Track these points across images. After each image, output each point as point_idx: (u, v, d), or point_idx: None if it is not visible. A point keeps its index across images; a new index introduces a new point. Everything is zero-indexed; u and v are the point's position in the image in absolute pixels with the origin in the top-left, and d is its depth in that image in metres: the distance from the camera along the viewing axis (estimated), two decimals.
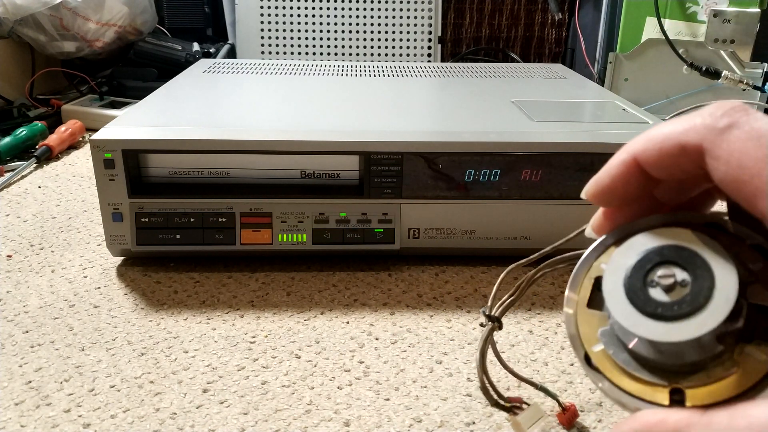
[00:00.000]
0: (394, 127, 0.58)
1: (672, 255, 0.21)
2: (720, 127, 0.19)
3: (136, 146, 0.53)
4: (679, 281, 0.20)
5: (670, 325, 0.20)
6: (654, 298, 0.20)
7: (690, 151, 0.20)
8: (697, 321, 0.19)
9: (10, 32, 1.04)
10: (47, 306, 0.52)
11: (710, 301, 0.19)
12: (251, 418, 0.40)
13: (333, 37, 1.23)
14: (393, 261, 0.60)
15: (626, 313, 0.21)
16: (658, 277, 0.21)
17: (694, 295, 0.20)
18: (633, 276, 0.21)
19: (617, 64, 1.10)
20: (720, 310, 0.19)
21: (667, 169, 0.21)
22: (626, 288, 0.21)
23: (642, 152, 0.22)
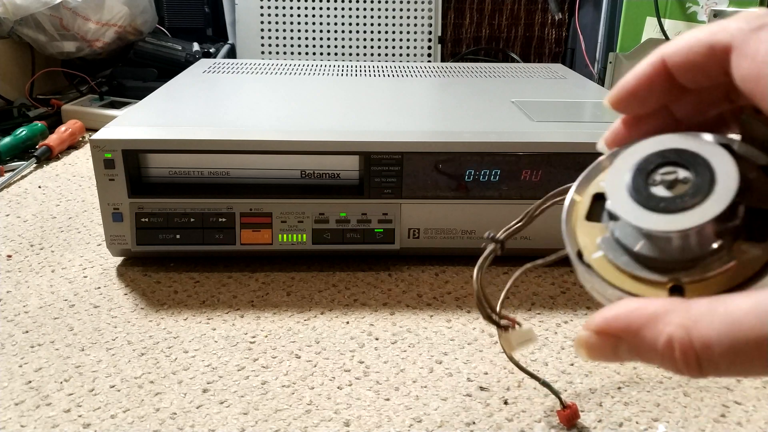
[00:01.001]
0: (394, 127, 0.58)
1: (674, 156, 0.22)
2: (752, 27, 0.20)
3: (136, 146, 0.53)
4: (681, 179, 0.21)
5: (674, 216, 0.20)
6: (656, 194, 0.21)
7: (718, 51, 0.21)
8: (699, 211, 0.20)
9: (10, 32, 1.04)
10: (47, 306, 0.52)
11: (711, 194, 0.20)
12: (251, 418, 0.40)
13: (333, 37, 1.23)
14: (393, 261, 0.60)
15: (630, 209, 0.21)
16: (660, 176, 0.21)
17: (695, 189, 0.20)
18: (636, 176, 0.22)
19: (617, 64, 1.10)
20: (720, 203, 0.20)
21: (693, 72, 0.22)
22: (629, 187, 0.22)
23: (671, 53, 0.22)
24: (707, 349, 0.18)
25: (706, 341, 0.18)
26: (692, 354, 0.18)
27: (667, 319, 0.19)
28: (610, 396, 0.43)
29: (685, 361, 0.18)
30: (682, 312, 0.19)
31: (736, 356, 0.18)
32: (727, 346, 0.18)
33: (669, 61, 0.22)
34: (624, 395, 0.43)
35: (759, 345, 0.17)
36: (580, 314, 0.52)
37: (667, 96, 0.23)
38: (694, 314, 0.19)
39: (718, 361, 0.18)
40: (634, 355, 0.20)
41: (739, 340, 0.18)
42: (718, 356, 0.18)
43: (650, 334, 0.19)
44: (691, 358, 0.18)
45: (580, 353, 0.21)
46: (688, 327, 0.18)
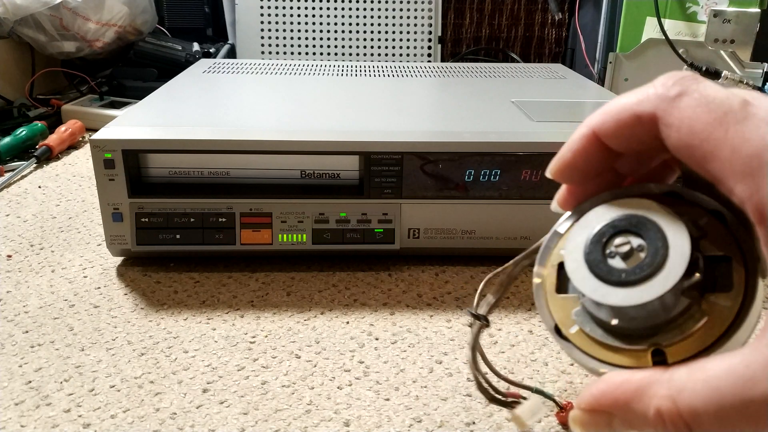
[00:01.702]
0: (394, 127, 0.58)
1: (624, 224, 0.22)
2: (671, 95, 0.20)
3: (136, 146, 0.53)
4: (636, 247, 0.21)
5: (636, 289, 0.21)
6: (615, 267, 0.21)
7: (645, 120, 0.21)
8: (659, 279, 0.20)
9: (10, 32, 1.04)
10: (47, 306, 0.52)
11: (667, 260, 0.20)
12: (251, 418, 0.40)
13: (333, 37, 1.23)
14: (393, 261, 0.60)
15: (593, 286, 0.21)
16: (615, 247, 0.22)
17: (651, 257, 0.21)
18: (592, 251, 0.22)
19: (617, 64, 1.10)
20: (678, 265, 0.20)
21: (624, 140, 0.22)
22: (588, 263, 0.22)
23: (600, 125, 0.22)
24: (696, 417, 0.19)
25: (693, 410, 0.19)
26: (682, 423, 0.19)
27: (652, 392, 0.20)
28: None
29: (677, 429, 0.19)
30: (665, 383, 0.19)
31: (724, 420, 0.18)
32: (713, 413, 0.18)
33: (599, 132, 0.23)
34: None
35: (742, 409, 0.18)
36: None
37: (604, 161, 0.23)
38: (676, 384, 0.19)
39: (708, 427, 0.19)
40: (627, 426, 0.20)
41: (723, 406, 0.18)
42: (706, 422, 0.18)
43: (639, 408, 0.20)
44: (681, 426, 0.19)
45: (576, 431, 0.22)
46: (674, 398, 0.19)
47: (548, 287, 0.24)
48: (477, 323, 0.38)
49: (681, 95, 0.20)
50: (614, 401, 0.20)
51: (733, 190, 0.19)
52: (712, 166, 0.19)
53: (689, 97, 0.20)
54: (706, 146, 0.19)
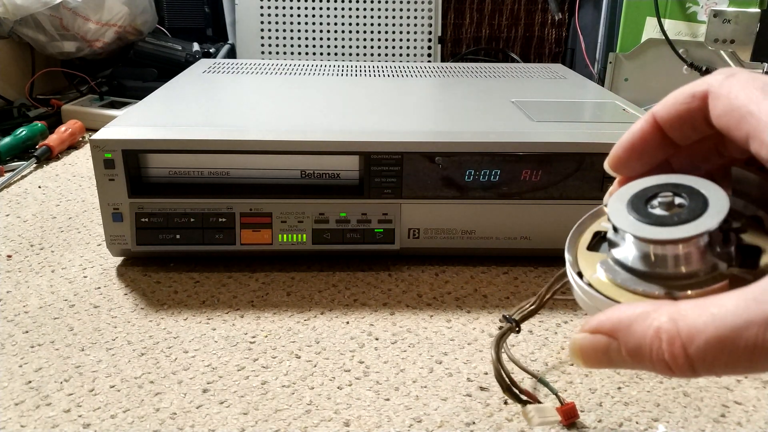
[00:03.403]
0: (394, 127, 0.58)
1: (670, 188, 0.23)
2: (725, 75, 0.23)
3: (136, 146, 0.53)
4: (677, 203, 0.23)
5: (670, 228, 0.22)
6: (654, 212, 0.23)
7: (698, 97, 0.23)
8: (694, 225, 0.22)
9: (10, 32, 1.04)
10: (47, 306, 0.52)
11: (705, 213, 0.22)
12: (251, 418, 0.40)
13: (333, 37, 1.23)
14: (393, 261, 0.60)
15: (629, 222, 0.23)
16: (658, 200, 0.23)
17: (690, 210, 0.22)
18: (635, 200, 0.24)
19: (617, 64, 1.10)
20: (714, 217, 0.21)
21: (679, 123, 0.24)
22: (629, 207, 0.23)
23: (659, 109, 0.24)
24: (693, 337, 0.19)
25: (692, 331, 0.19)
26: (679, 344, 0.19)
27: (656, 314, 0.20)
28: (610, 396, 0.43)
29: (671, 352, 0.19)
30: (671, 307, 0.20)
31: (722, 345, 0.18)
32: (712, 334, 0.18)
33: (658, 117, 0.24)
34: (624, 395, 0.43)
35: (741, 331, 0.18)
36: (579, 314, 0.52)
37: (661, 153, 0.25)
38: (680, 309, 0.19)
39: (703, 352, 0.18)
40: (624, 354, 0.20)
41: (724, 328, 0.18)
42: (704, 345, 0.18)
43: (640, 328, 0.20)
44: (677, 348, 0.19)
45: (574, 359, 0.22)
46: (676, 319, 0.19)
47: (581, 243, 0.26)
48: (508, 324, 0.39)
49: (732, 75, 0.22)
50: (618, 322, 0.21)
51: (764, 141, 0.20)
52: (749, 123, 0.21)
53: (738, 76, 0.22)
54: (745, 108, 0.21)
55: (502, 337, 0.39)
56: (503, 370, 0.37)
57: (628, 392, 0.43)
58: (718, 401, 0.42)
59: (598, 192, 0.56)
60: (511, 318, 0.40)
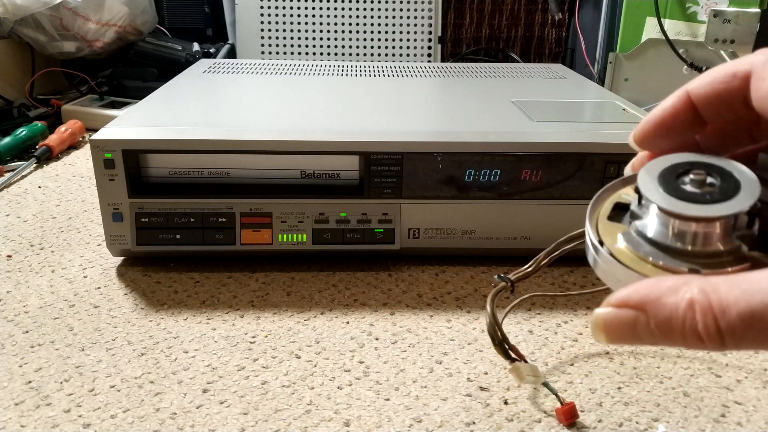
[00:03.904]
0: (394, 127, 0.58)
1: (703, 166, 0.23)
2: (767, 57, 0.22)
3: (136, 146, 0.53)
4: (708, 182, 0.22)
5: (701, 206, 0.22)
6: (685, 188, 0.22)
7: (739, 77, 0.22)
8: (725, 205, 0.21)
9: (10, 32, 1.04)
10: (47, 306, 0.52)
11: (736, 196, 0.22)
12: (251, 418, 0.40)
13: (333, 37, 1.23)
14: (393, 261, 0.60)
15: (659, 195, 0.22)
16: (690, 177, 0.23)
17: (722, 191, 0.22)
18: (666, 173, 0.23)
19: (617, 64, 1.10)
20: (746, 200, 0.21)
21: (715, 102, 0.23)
22: (660, 180, 0.23)
23: (696, 86, 0.24)
24: (725, 311, 0.19)
25: (724, 303, 0.19)
26: (711, 315, 0.19)
27: (688, 287, 0.20)
28: (610, 396, 0.43)
29: (705, 323, 0.19)
30: (703, 280, 0.20)
31: (752, 319, 0.18)
32: (743, 308, 0.18)
33: (693, 93, 0.24)
34: (624, 395, 0.43)
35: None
36: (580, 314, 0.52)
37: (690, 131, 0.24)
38: (713, 282, 0.19)
39: (735, 324, 0.18)
40: (653, 326, 0.20)
41: (755, 303, 0.18)
42: (735, 318, 0.18)
43: (671, 300, 0.20)
44: (710, 320, 0.19)
45: (597, 335, 0.21)
46: (708, 291, 0.19)
47: (601, 213, 0.25)
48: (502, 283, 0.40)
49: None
50: (646, 295, 0.20)
51: None
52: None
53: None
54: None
55: (496, 294, 0.39)
56: (497, 325, 0.38)
57: (628, 392, 0.43)
58: (718, 401, 0.42)
59: None
60: (506, 277, 0.40)
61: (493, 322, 0.37)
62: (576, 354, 0.47)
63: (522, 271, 0.40)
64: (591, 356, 0.47)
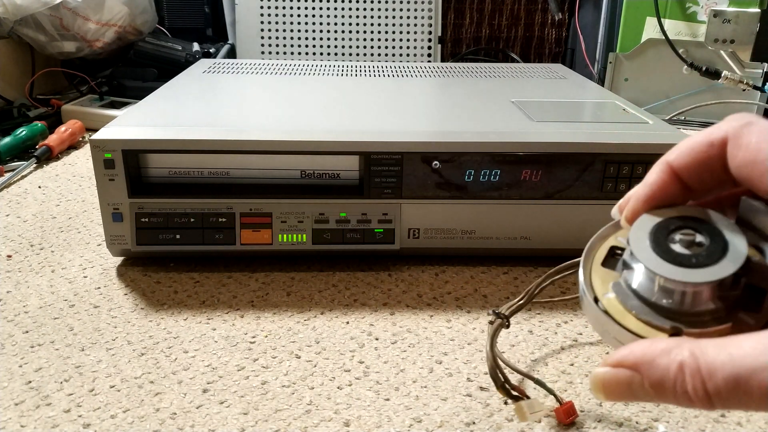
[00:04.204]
0: (394, 127, 0.58)
1: (692, 223, 0.24)
2: (742, 123, 0.23)
3: (136, 146, 0.53)
4: (697, 242, 0.23)
5: (688, 270, 0.23)
6: (675, 249, 0.23)
7: (716, 144, 0.24)
8: (711, 270, 0.22)
9: (10, 32, 1.04)
10: (47, 306, 0.52)
11: (723, 258, 0.23)
12: (251, 418, 0.40)
13: (333, 37, 1.23)
14: (393, 261, 0.60)
15: (649, 256, 0.23)
16: (680, 236, 0.24)
17: (709, 252, 0.23)
18: (658, 231, 0.24)
19: (617, 64, 1.10)
20: (731, 265, 0.22)
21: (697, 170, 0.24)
22: (651, 238, 0.24)
23: (675, 157, 0.25)
24: (712, 374, 0.20)
25: (711, 367, 0.20)
26: (699, 378, 0.20)
27: (678, 350, 0.21)
28: None
29: (693, 385, 0.20)
30: (693, 343, 0.21)
31: (737, 383, 0.19)
32: (729, 372, 0.19)
33: (675, 164, 0.25)
34: None
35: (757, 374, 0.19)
36: (579, 314, 0.52)
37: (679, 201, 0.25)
38: (703, 345, 0.20)
39: (720, 388, 0.19)
40: (647, 386, 0.21)
41: (740, 368, 0.19)
42: (721, 382, 0.19)
43: (663, 362, 0.21)
44: (698, 382, 0.20)
45: (596, 394, 0.23)
46: (697, 356, 0.20)
47: (596, 258, 0.26)
48: (498, 321, 0.41)
49: (750, 124, 0.23)
50: (641, 356, 0.21)
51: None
52: None
53: (758, 125, 0.23)
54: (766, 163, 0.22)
55: (494, 333, 0.40)
56: (498, 368, 0.38)
57: None
58: None
59: (598, 192, 0.56)
60: (501, 313, 0.41)
61: (494, 366, 0.38)
62: (576, 354, 0.47)
63: (515, 304, 0.41)
64: (591, 356, 0.47)
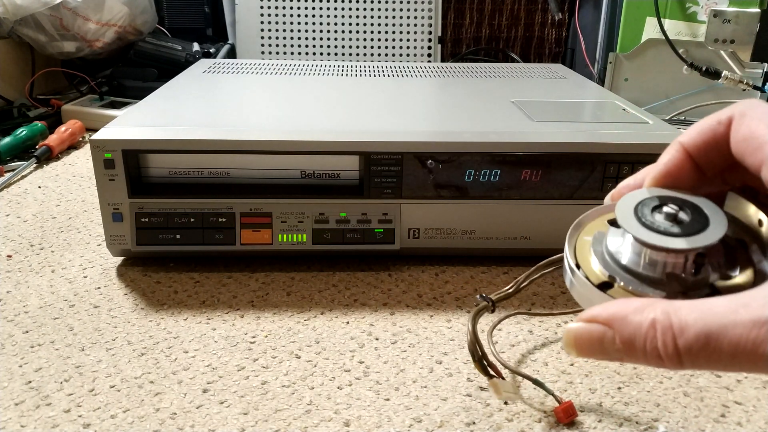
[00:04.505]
0: (394, 127, 0.58)
1: (676, 201, 0.25)
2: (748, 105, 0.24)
3: (136, 146, 0.53)
4: (679, 217, 0.24)
5: (669, 238, 0.24)
6: (658, 221, 0.24)
7: (724, 123, 0.25)
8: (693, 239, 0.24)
9: (10, 32, 1.04)
10: (47, 306, 0.52)
11: (705, 230, 0.24)
12: (251, 418, 0.40)
13: (333, 37, 1.23)
14: (393, 261, 0.60)
15: (634, 225, 0.24)
16: (664, 211, 0.25)
17: (692, 225, 0.24)
18: (642, 206, 0.25)
19: (617, 64, 1.10)
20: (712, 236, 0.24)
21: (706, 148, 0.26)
22: (636, 210, 0.25)
23: (686, 137, 0.26)
24: (683, 331, 0.20)
25: (683, 324, 0.20)
26: (670, 334, 0.20)
27: (651, 308, 0.21)
28: (610, 396, 0.43)
29: (664, 341, 0.20)
30: (666, 303, 0.21)
31: (707, 339, 0.20)
32: (700, 328, 0.20)
33: (686, 144, 0.26)
34: (624, 395, 0.43)
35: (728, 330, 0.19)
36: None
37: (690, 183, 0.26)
38: (676, 305, 0.21)
39: (691, 344, 0.20)
40: (618, 342, 0.22)
41: (711, 324, 0.20)
42: (692, 338, 0.20)
43: (636, 319, 0.21)
44: (669, 338, 0.20)
45: (568, 348, 0.23)
46: (669, 312, 0.21)
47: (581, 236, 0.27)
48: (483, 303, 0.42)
49: (755, 106, 0.24)
50: (615, 313, 0.22)
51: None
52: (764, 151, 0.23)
53: (762, 107, 0.24)
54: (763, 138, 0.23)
55: (477, 313, 0.41)
56: (477, 342, 0.39)
57: (628, 392, 0.43)
58: (718, 401, 0.42)
59: (598, 192, 0.56)
60: (488, 297, 0.42)
61: (474, 340, 0.39)
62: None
63: (503, 292, 0.42)
64: None
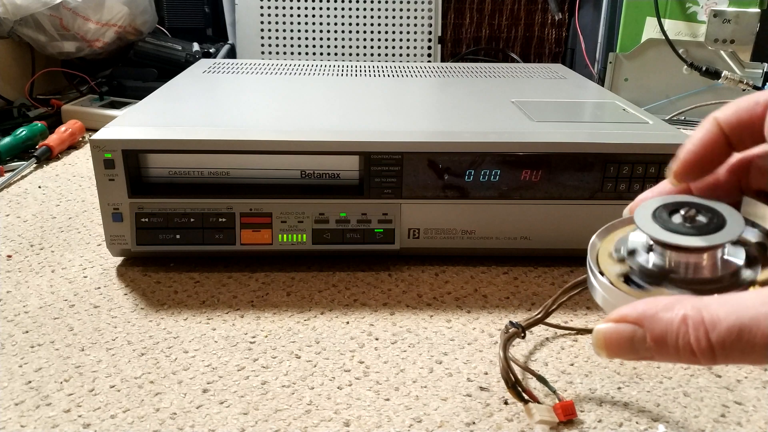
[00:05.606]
0: (394, 127, 0.58)
1: (693, 205, 0.26)
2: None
3: (136, 146, 0.53)
4: (697, 219, 0.25)
5: (687, 237, 0.24)
6: (675, 222, 0.25)
7: (762, 103, 0.25)
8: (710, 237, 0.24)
9: (10, 32, 1.04)
10: (47, 306, 0.52)
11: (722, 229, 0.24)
12: (251, 418, 0.40)
13: (333, 37, 1.23)
14: (393, 261, 0.60)
15: (651, 227, 0.25)
16: (681, 213, 0.25)
17: (708, 226, 0.25)
18: (660, 209, 0.26)
19: (617, 64, 1.10)
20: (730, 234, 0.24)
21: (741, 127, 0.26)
22: (654, 215, 0.26)
23: (723, 114, 0.26)
24: (716, 325, 0.20)
25: (715, 318, 0.20)
26: (703, 329, 0.20)
27: (681, 305, 0.21)
28: (610, 396, 0.43)
29: (697, 336, 0.20)
30: (695, 299, 0.21)
31: (740, 332, 0.20)
32: (733, 321, 0.20)
33: (722, 120, 0.26)
34: (624, 395, 0.43)
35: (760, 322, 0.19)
36: (580, 314, 0.52)
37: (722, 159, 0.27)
38: (705, 300, 0.21)
39: (724, 338, 0.20)
40: (650, 340, 0.22)
41: (743, 317, 0.20)
42: (725, 332, 0.20)
43: (667, 316, 0.21)
44: (701, 333, 0.20)
45: (598, 350, 0.23)
46: (700, 308, 0.21)
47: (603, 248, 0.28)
48: (513, 330, 0.43)
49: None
50: (644, 311, 0.22)
51: None
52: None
53: None
54: None
55: (508, 339, 0.42)
56: (510, 369, 0.40)
57: (628, 392, 0.43)
58: (718, 401, 0.42)
59: (598, 192, 0.56)
60: (518, 324, 0.43)
61: (506, 367, 0.40)
62: (576, 354, 0.47)
63: (533, 318, 0.44)
64: (591, 356, 0.47)
